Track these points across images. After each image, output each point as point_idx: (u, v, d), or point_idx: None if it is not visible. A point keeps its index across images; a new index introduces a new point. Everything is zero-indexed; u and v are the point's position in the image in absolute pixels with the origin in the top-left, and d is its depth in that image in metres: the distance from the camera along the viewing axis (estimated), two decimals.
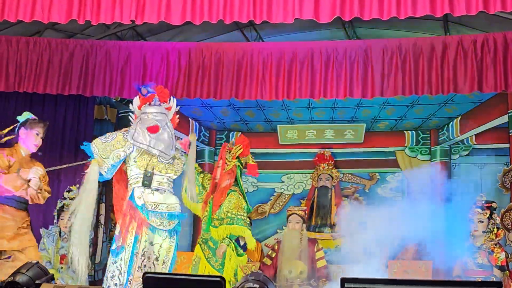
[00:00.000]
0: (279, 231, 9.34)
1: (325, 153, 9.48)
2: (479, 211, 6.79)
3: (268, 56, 6.92)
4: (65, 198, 6.99)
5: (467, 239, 6.80)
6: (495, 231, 6.83)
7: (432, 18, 5.91)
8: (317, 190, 9.47)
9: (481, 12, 4.95)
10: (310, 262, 7.88)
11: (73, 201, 6.38)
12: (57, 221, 6.93)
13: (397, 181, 9.39)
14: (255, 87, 6.90)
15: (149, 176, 5.10)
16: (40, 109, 7.69)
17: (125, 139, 5.24)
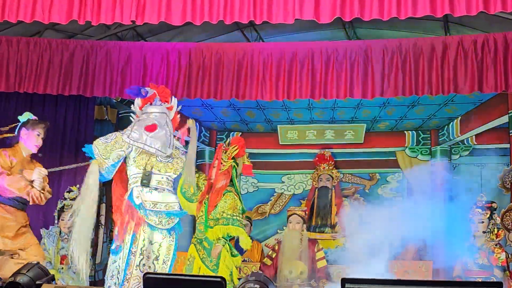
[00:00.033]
0: (279, 231, 9.33)
1: (325, 153, 9.48)
2: (480, 211, 6.79)
3: (268, 56, 6.92)
4: (66, 199, 6.98)
5: (468, 239, 6.80)
6: (496, 232, 6.83)
7: (432, 18, 5.91)
8: (317, 190, 9.47)
9: (481, 12, 4.95)
10: (311, 262, 7.88)
11: (74, 202, 6.41)
12: (57, 222, 6.92)
13: (397, 181, 9.39)
14: (256, 87, 6.90)
15: (147, 175, 5.09)
16: (40, 110, 7.69)
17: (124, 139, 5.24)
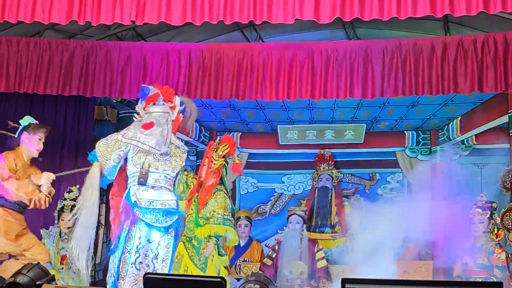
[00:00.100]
0: (279, 231, 9.33)
1: (325, 153, 9.48)
2: (480, 211, 6.79)
3: (268, 56, 6.92)
4: (65, 199, 6.98)
5: (468, 239, 6.80)
6: (496, 232, 6.83)
7: (432, 18, 5.90)
8: (317, 190, 9.47)
9: (481, 12, 4.95)
10: (311, 262, 7.88)
11: (74, 202, 6.43)
12: (57, 222, 6.92)
13: (397, 181, 9.39)
14: (255, 87, 6.90)
15: (144, 174, 5.07)
16: (40, 110, 7.69)
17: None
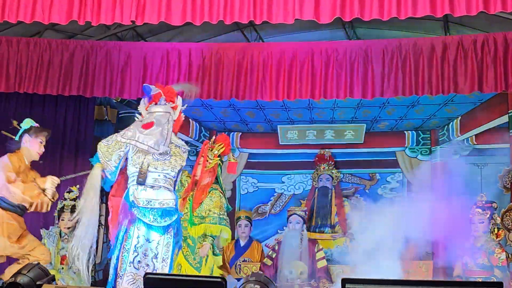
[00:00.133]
0: (279, 231, 9.34)
1: (325, 153, 9.48)
2: (480, 211, 6.79)
3: (268, 56, 6.91)
4: (65, 199, 6.97)
5: (468, 239, 6.80)
6: (496, 232, 6.83)
7: (432, 18, 5.90)
8: (317, 190, 9.48)
9: (481, 12, 4.95)
10: (311, 262, 7.88)
11: (75, 202, 6.44)
12: (57, 222, 6.91)
13: (397, 181, 9.40)
14: (255, 87, 6.90)
15: (143, 173, 5.06)
16: (40, 110, 7.69)
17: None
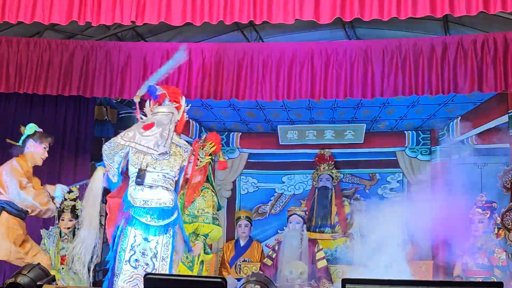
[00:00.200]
0: (279, 231, 9.34)
1: (325, 153, 9.48)
2: (480, 211, 6.79)
3: (268, 56, 6.92)
4: (66, 199, 6.96)
5: (468, 239, 6.80)
6: (496, 231, 6.84)
7: (432, 18, 5.90)
8: (317, 190, 9.48)
9: (481, 12, 4.95)
10: (311, 262, 7.89)
11: (76, 203, 6.45)
12: (57, 222, 6.91)
13: (397, 181, 9.40)
14: (255, 87, 6.90)
15: (141, 174, 5.05)
16: (40, 110, 7.69)
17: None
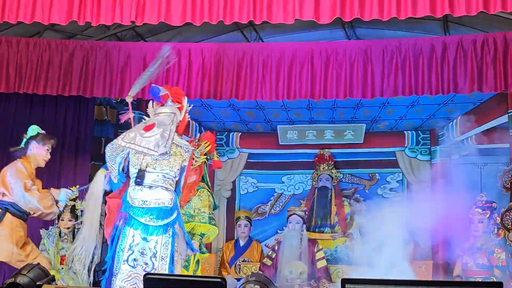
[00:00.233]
0: (279, 231, 9.34)
1: (325, 153, 9.49)
2: (479, 211, 6.80)
3: (268, 56, 6.91)
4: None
5: (468, 239, 6.81)
6: (496, 231, 6.84)
7: (432, 18, 5.90)
8: (317, 190, 9.48)
9: (481, 12, 4.95)
10: (310, 262, 7.89)
11: (75, 203, 6.44)
12: (57, 222, 6.90)
13: (397, 181, 9.41)
14: (255, 87, 6.89)
15: (141, 174, 5.05)
16: (40, 110, 7.69)
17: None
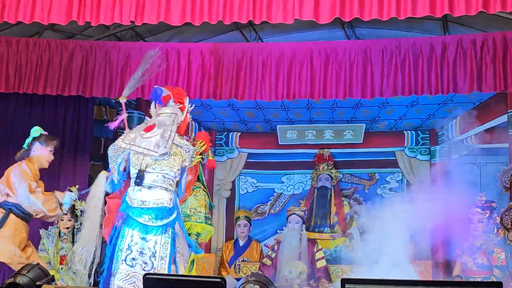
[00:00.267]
0: (278, 231, 9.34)
1: (324, 153, 9.49)
2: (479, 211, 6.80)
3: (267, 56, 6.92)
4: None
5: (467, 239, 6.81)
6: (495, 231, 6.84)
7: (432, 18, 5.90)
8: (316, 190, 9.48)
9: (480, 12, 4.95)
10: (310, 262, 7.89)
11: (75, 203, 6.44)
12: (56, 222, 6.90)
13: (396, 181, 9.41)
14: (255, 87, 6.90)
15: (140, 175, 5.04)
16: (40, 110, 7.69)
17: None
